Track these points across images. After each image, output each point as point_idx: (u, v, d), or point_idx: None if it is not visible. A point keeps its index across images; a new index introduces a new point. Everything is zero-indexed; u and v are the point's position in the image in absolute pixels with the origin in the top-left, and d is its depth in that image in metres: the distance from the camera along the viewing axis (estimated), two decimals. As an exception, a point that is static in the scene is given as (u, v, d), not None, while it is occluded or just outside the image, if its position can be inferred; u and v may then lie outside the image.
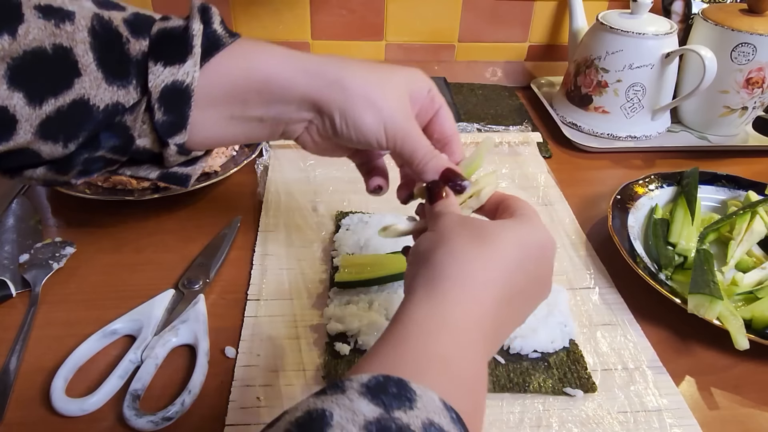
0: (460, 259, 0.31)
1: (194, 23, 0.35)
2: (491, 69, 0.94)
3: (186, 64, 0.34)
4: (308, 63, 0.37)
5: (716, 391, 0.44)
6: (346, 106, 0.37)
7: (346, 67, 0.38)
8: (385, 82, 0.38)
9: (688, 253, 0.55)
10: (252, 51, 0.37)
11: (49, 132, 0.33)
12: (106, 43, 0.33)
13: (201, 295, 0.48)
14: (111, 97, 0.33)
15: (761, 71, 0.71)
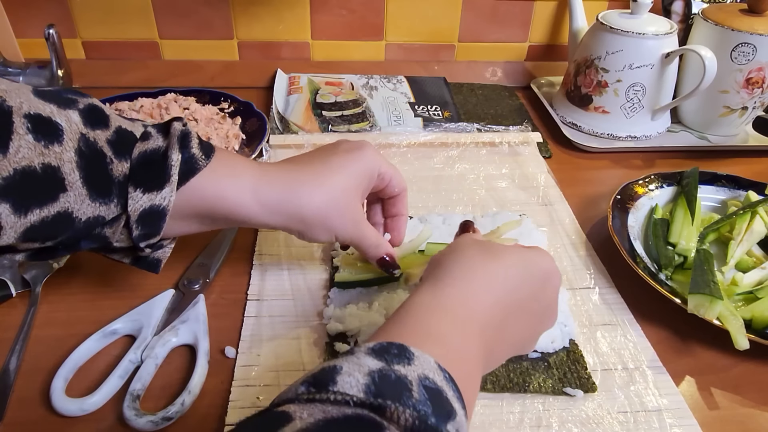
0: (466, 264, 0.35)
1: (173, 153, 0.38)
2: (491, 69, 0.94)
3: (163, 191, 0.37)
4: (271, 196, 0.41)
5: (716, 391, 0.44)
6: (304, 232, 0.43)
7: (304, 198, 0.42)
8: (338, 201, 0.43)
9: (688, 253, 0.55)
10: (223, 178, 0.40)
11: (32, 237, 0.35)
12: (90, 162, 0.35)
13: (201, 295, 0.48)
14: (93, 211, 0.36)
15: (761, 71, 0.71)
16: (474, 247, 0.37)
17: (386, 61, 0.92)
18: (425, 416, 0.24)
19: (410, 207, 0.61)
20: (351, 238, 0.45)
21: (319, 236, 0.44)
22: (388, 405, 0.24)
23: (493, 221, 0.58)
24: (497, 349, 0.35)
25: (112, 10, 0.83)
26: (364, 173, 0.45)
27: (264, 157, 0.68)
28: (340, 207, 0.43)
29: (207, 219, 0.42)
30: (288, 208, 0.42)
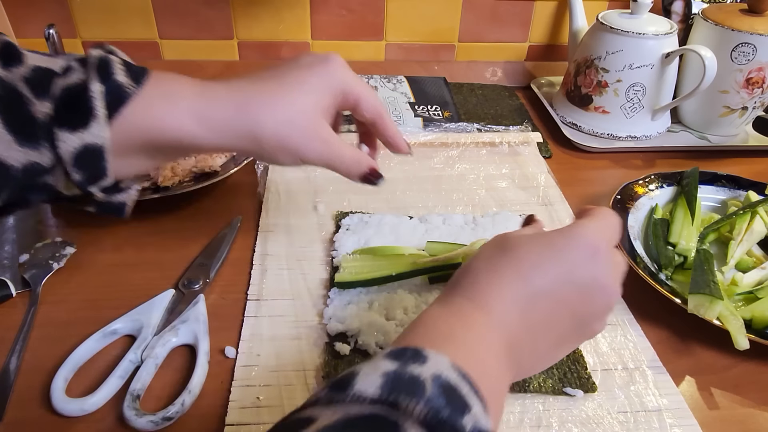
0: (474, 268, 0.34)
1: (93, 84, 0.34)
2: (491, 69, 0.94)
3: (92, 127, 0.34)
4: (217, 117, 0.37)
5: (716, 391, 0.44)
6: (262, 155, 0.39)
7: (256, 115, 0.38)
8: (296, 118, 0.39)
9: (688, 253, 0.55)
10: (159, 104, 0.36)
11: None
12: (9, 105, 0.32)
13: (201, 295, 0.48)
14: (26, 158, 0.33)
15: (761, 71, 0.71)
16: (487, 247, 0.35)
17: (386, 61, 0.92)
18: (438, 409, 0.24)
19: (410, 207, 0.62)
20: (322, 160, 0.40)
21: (281, 159, 0.40)
22: (402, 401, 0.24)
23: (493, 221, 0.58)
24: (526, 348, 0.32)
25: (112, 10, 0.83)
26: (325, 91, 0.40)
27: (264, 157, 0.68)
28: (300, 126, 0.39)
29: (154, 151, 0.38)
30: (237, 129, 0.38)
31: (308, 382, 0.42)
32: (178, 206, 0.60)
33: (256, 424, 0.39)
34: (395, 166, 0.68)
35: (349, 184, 0.64)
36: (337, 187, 0.64)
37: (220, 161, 0.65)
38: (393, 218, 0.58)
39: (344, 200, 0.62)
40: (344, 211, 0.60)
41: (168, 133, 0.36)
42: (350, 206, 0.61)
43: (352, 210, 0.60)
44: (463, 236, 0.55)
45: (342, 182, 0.65)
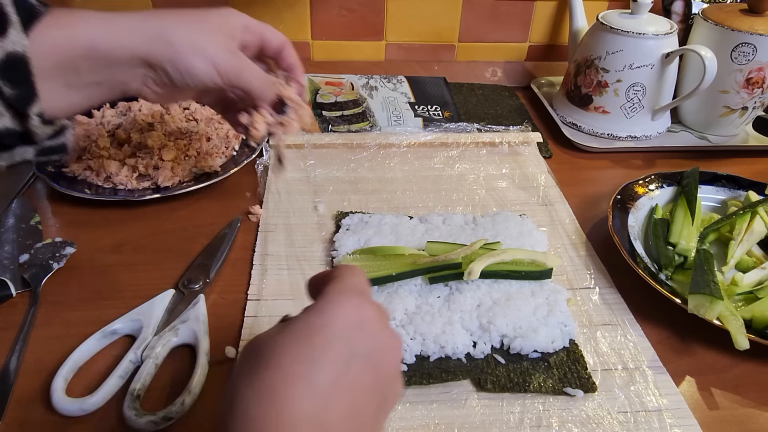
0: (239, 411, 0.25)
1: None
2: (491, 69, 0.94)
3: (10, 33, 0.34)
4: (128, 22, 0.38)
5: (716, 391, 0.44)
6: (174, 57, 0.39)
7: (165, 20, 0.39)
8: (205, 27, 0.40)
9: (688, 253, 0.55)
10: (71, 18, 0.37)
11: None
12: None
13: (201, 295, 0.48)
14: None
15: (761, 71, 0.71)
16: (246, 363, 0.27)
17: (386, 61, 0.92)
18: None
19: (410, 207, 0.62)
20: (235, 68, 0.41)
21: (196, 63, 0.40)
22: None
23: (493, 221, 0.58)
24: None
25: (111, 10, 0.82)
26: (228, 19, 0.43)
27: (264, 157, 0.68)
28: (208, 33, 0.40)
29: (71, 71, 0.37)
30: (150, 30, 0.38)
31: (308, 382, 0.42)
32: (178, 206, 0.60)
33: (256, 424, 0.39)
34: (395, 166, 0.68)
35: (348, 184, 0.65)
36: (337, 187, 0.64)
37: (220, 161, 0.65)
38: (393, 218, 0.58)
39: (344, 200, 0.62)
40: (344, 211, 0.60)
41: (82, 39, 0.36)
42: (350, 206, 0.61)
43: (352, 210, 0.60)
44: (463, 236, 0.55)
45: (342, 182, 0.66)
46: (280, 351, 0.26)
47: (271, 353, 0.26)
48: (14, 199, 0.59)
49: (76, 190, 0.58)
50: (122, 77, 0.40)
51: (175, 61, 0.39)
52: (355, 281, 0.31)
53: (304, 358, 0.26)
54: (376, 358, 0.28)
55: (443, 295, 0.49)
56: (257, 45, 0.46)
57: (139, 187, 0.60)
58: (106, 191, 0.59)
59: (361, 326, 0.28)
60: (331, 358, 0.26)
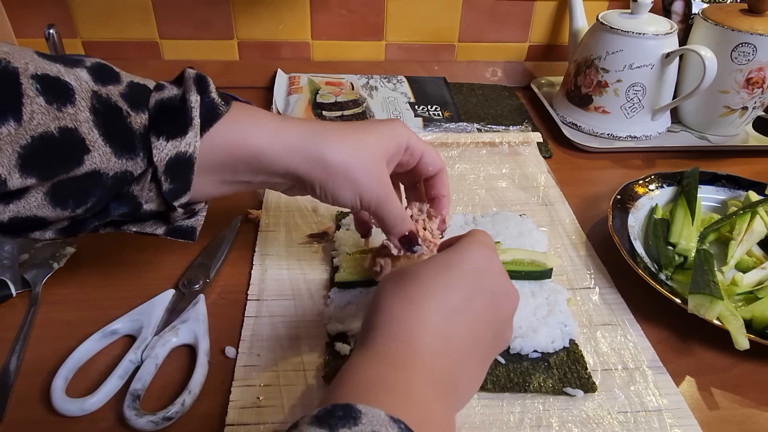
0: (386, 307, 0.32)
1: (191, 95, 0.36)
2: (491, 69, 0.94)
3: (187, 135, 0.36)
4: (293, 139, 0.39)
5: (716, 391, 0.44)
6: (326, 183, 0.40)
7: (327, 142, 0.40)
8: (364, 154, 0.41)
9: (688, 253, 0.55)
10: (244, 122, 0.39)
11: (60, 198, 0.34)
12: (108, 119, 0.34)
13: (201, 295, 0.48)
14: (120, 167, 0.35)
15: (761, 71, 0.71)
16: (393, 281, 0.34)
17: (386, 61, 0.92)
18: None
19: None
20: (377, 200, 0.41)
21: (343, 191, 0.41)
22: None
23: (493, 221, 0.58)
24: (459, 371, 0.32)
25: (112, 10, 0.83)
26: (391, 139, 0.42)
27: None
28: (365, 161, 0.40)
29: (230, 170, 0.39)
30: (310, 152, 0.39)
31: (308, 382, 0.42)
32: (178, 206, 0.60)
33: (256, 424, 0.39)
34: (395, 166, 0.68)
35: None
36: (337, 187, 0.64)
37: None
38: (393, 218, 0.58)
39: (344, 200, 0.62)
40: (344, 211, 0.60)
41: (249, 148, 0.38)
42: (350, 206, 0.61)
43: (352, 210, 0.60)
44: (463, 236, 0.55)
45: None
46: (422, 274, 0.33)
47: (415, 275, 0.33)
48: (14, 199, 0.59)
49: (76, 190, 0.58)
50: (272, 183, 0.42)
51: (326, 186, 0.41)
52: (486, 239, 0.37)
53: (441, 282, 0.33)
54: (498, 298, 0.34)
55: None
56: (411, 165, 0.45)
57: (139, 187, 0.60)
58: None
59: (489, 269, 0.35)
60: (462, 287, 0.33)
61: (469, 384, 0.33)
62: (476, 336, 0.33)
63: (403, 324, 0.31)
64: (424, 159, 0.45)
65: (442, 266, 0.34)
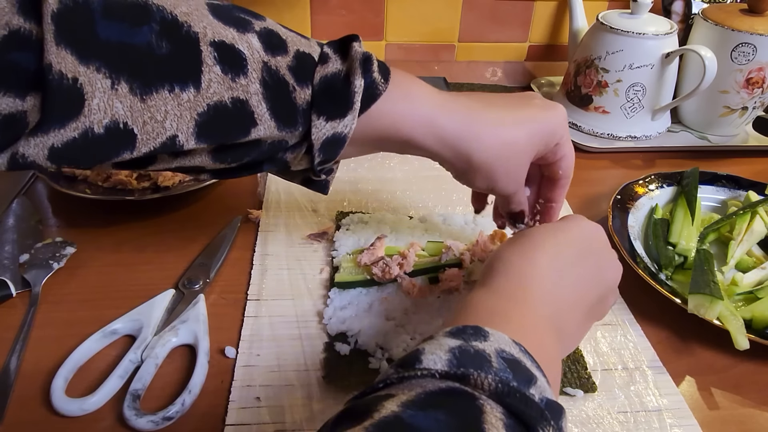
0: (505, 257, 0.37)
1: (356, 79, 0.36)
2: (491, 69, 0.94)
3: (346, 118, 0.37)
4: (446, 131, 0.40)
5: (716, 391, 0.44)
6: (467, 173, 0.42)
7: (478, 141, 0.40)
8: (511, 152, 0.41)
9: (688, 253, 0.55)
10: (401, 106, 0.39)
11: (221, 156, 0.36)
12: (276, 93, 0.35)
13: (201, 295, 0.48)
14: (279, 136, 0.37)
15: (761, 71, 0.71)
16: (513, 238, 0.39)
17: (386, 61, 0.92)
18: (506, 381, 0.26)
19: (410, 207, 0.62)
20: (506, 193, 0.43)
21: (477, 183, 0.42)
22: (471, 373, 0.26)
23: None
24: (566, 317, 0.36)
25: None
26: (544, 136, 0.42)
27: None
28: (510, 164, 0.41)
29: (379, 145, 0.41)
30: (459, 146, 0.40)
31: (308, 382, 0.42)
32: (178, 206, 0.60)
33: (256, 424, 0.39)
34: (395, 166, 0.68)
35: (348, 184, 0.65)
36: (336, 187, 0.64)
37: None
38: (393, 218, 0.58)
39: (344, 200, 0.62)
40: (344, 211, 0.60)
41: (401, 133, 0.39)
42: (350, 206, 0.61)
43: (352, 210, 0.60)
44: (463, 236, 0.55)
45: (342, 182, 0.66)
46: (537, 235, 0.38)
47: (531, 234, 0.38)
48: (14, 199, 0.59)
49: (76, 190, 0.58)
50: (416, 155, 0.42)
51: (464, 174, 0.42)
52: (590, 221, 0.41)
53: (553, 243, 0.37)
54: (603, 265, 0.39)
55: (443, 295, 0.49)
56: (548, 161, 0.45)
57: (139, 187, 0.60)
58: (106, 191, 0.59)
59: (597, 238, 0.39)
60: (571, 248, 0.37)
61: (571, 336, 0.37)
62: (580, 292, 0.37)
63: (518, 270, 0.36)
64: (560, 162, 0.45)
65: (555, 230, 0.39)
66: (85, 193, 0.58)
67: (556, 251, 0.37)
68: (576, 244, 0.38)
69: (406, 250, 0.50)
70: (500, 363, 0.27)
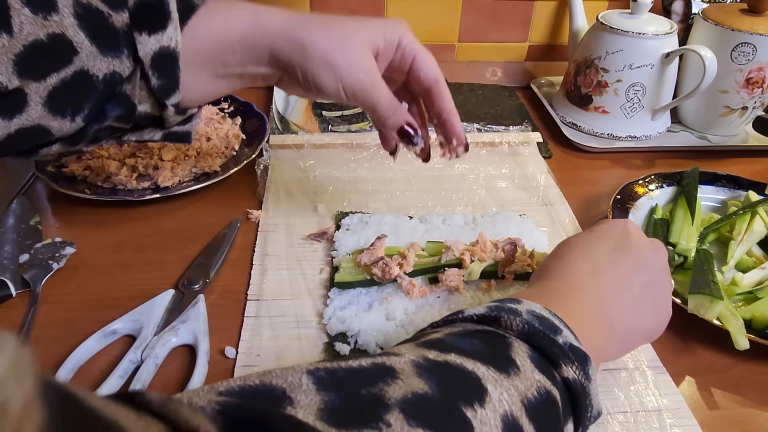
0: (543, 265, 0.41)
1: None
2: (491, 69, 0.94)
3: (168, 29, 0.37)
4: (273, 24, 0.40)
5: (716, 391, 0.44)
6: (305, 65, 0.40)
7: (308, 27, 0.40)
8: (346, 42, 0.41)
9: (688, 253, 0.55)
10: (225, 12, 0.40)
11: (57, 105, 0.36)
12: (91, 22, 0.36)
13: (201, 295, 0.48)
14: (108, 67, 0.37)
15: (761, 71, 0.71)
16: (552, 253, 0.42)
17: (386, 61, 0.92)
18: (532, 324, 0.30)
19: (410, 207, 0.62)
20: (361, 88, 0.41)
21: (323, 76, 0.41)
22: (502, 316, 0.31)
23: (493, 221, 0.58)
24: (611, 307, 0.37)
25: None
26: (380, 31, 0.42)
27: (264, 156, 0.68)
28: (346, 47, 0.41)
29: (219, 62, 0.41)
30: (289, 35, 0.40)
31: (308, 382, 0.42)
32: (178, 206, 0.60)
33: (256, 424, 0.39)
34: (395, 166, 0.68)
35: (348, 184, 0.65)
36: (337, 187, 0.64)
37: (219, 161, 0.65)
38: (393, 218, 0.58)
39: (344, 200, 0.62)
40: (344, 211, 0.60)
41: (232, 34, 0.39)
42: (350, 206, 0.61)
43: (352, 210, 0.60)
44: (463, 236, 0.55)
45: (342, 182, 0.66)
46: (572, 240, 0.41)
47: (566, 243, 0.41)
48: (14, 199, 0.59)
49: (76, 190, 0.58)
50: (262, 73, 0.42)
51: (305, 69, 0.41)
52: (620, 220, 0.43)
53: (586, 243, 0.40)
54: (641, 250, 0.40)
55: (443, 295, 0.49)
56: (404, 68, 0.44)
57: (139, 187, 0.60)
58: (106, 191, 0.59)
59: (627, 233, 0.40)
60: (606, 243, 0.40)
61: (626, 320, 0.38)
62: (623, 278, 0.38)
63: (557, 274, 0.38)
64: (416, 63, 0.44)
65: (588, 232, 0.41)
66: (85, 193, 0.58)
67: (591, 248, 0.39)
68: (609, 238, 0.40)
69: (406, 250, 0.50)
70: (529, 315, 0.31)
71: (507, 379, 0.27)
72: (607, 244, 0.40)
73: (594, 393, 0.31)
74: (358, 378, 0.25)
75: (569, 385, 0.30)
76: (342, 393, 0.23)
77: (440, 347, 0.28)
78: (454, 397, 0.25)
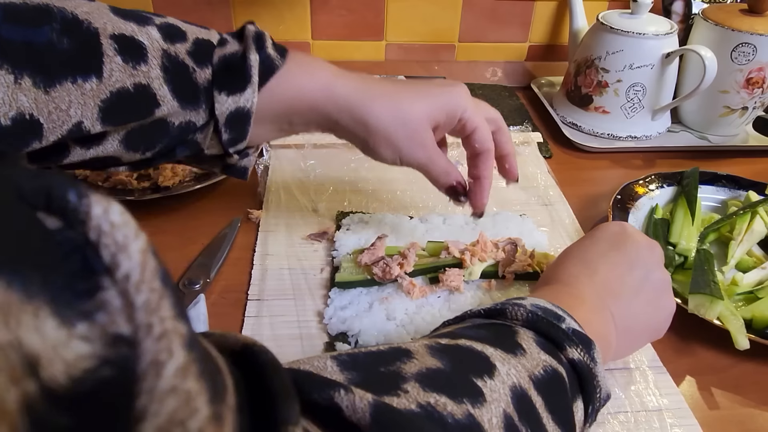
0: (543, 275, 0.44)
1: (251, 53, 0.39)
2: (491, 69, 0.94)
3: (246, 92, 0.39)
4: (342, 98, 0.42)
5: (716, 391, 0.45)
6: (367, 141, 0.44)
7: (373, 105, 0.42)
8: (408, 122, 0.43)
9: (688, 253, 0.55)
10: (301, 76, 0.42)
11: (133, 143, 0.38)
12: (176, 75, 0.38)
13: (201, 295, 0.48)
14: (185, 117, 0.39)
15: (761, 71, 0.71)
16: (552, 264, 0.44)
17: (386, 61, 0.92)
18: (536, 312, 0.33)
19: (410, 207, 0.62)
20: (418, 162, 0.45)
21: (383, 152, 0.44)
22: (507, 307, 0.33)
23: (493, 221, 0.58)
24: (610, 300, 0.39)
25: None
26: (443, 105, 0.44)
27: (264, 156, 0.68)
28: (407, 127, 0.43)
29: (286, 121, 0.43)
30: (354, 110, 0.42)
31: (308, 382, 0.42)
32: (178, 206, 0.60)
33: (257, 424, 0.39)
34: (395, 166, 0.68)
35: (348, 184, 0.65)
36: (337, 187, 0.64)
37: (220, 161, 0.65)
38: (393, 218, 0.58)
39: (344, 200, 0.62)
40: (344, 211, 0.60)
41: (304, 101, 0.42)
42: (350, 206, 0.61)
43: (352, 210, 0.60)
44: (463, 236, 0.55)
45: (342, 182, 0.66)
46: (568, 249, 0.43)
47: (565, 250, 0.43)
48: (14, 199, 0.59)
49: (76, 190, 0.58)
50: (324, 131, 0.45)
51: (367, 143, 0.44)
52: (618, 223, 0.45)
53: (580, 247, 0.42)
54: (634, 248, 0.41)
55: (443, 295, 0.49)
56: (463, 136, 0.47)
57: (139, 187, 0.60)
58: (106, 191, 0.59)
59: (623, 234, 0.42)
60: (600, 245, 0.42)
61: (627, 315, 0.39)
62: (618, 275, 0.40)
63: (555, 279, 0.41)
64: (474, 136, 0.46)
65: (583, 239, 0.43)
66: (86, 193, 0.58)
67: (585, 251, 0.41)
68: (604, 239, 0.42)
69: (406, 250, 0.50)
70: (533, 307, 0.33)
71: (514, 359, 0.30)
72: (601, 246, 0.41)
73: (601, 375, 0.33)
74: (377, 359, 0.28)
75: (575, 366, 0.32)
76: (363, 371, 0.26)
77: (450, 336, 0.31)
78: (465, 371, 0.28)
